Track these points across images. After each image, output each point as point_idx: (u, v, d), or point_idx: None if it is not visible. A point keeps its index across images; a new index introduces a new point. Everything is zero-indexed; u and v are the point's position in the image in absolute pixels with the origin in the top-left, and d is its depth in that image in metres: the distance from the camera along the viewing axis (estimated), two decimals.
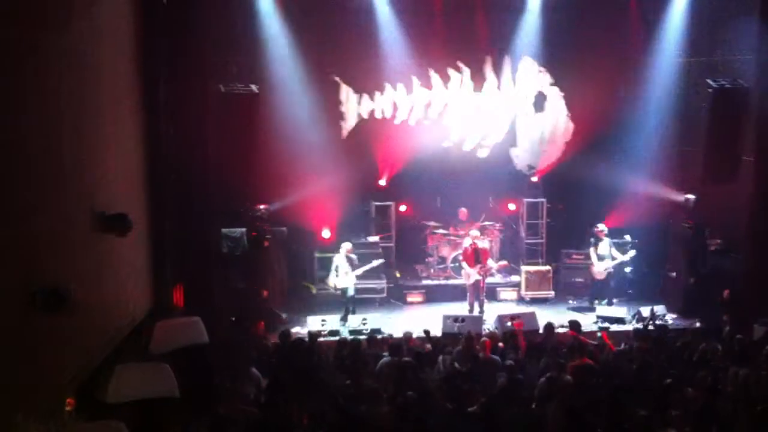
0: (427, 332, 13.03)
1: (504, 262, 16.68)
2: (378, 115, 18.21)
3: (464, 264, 15.82)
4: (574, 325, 12.53)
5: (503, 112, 18.50)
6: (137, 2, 10.60)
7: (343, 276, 15.25)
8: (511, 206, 18.73)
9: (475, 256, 15.64)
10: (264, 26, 16.29)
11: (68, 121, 7.38)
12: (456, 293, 16.34)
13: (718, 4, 15.17)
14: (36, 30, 6.65)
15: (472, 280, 15.57)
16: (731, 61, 15.30)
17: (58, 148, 7.10)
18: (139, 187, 10.29)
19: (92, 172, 8.08)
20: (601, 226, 16.21)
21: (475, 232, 16.17)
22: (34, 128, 6.52)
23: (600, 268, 16.05)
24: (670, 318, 15.11)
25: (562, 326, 13.59)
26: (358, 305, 15.75)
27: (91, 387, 7.94)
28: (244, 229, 14.73)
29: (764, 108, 14.25)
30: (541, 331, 13.10)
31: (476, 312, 15.51)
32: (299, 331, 14.60)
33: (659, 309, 15.09)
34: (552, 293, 17.32)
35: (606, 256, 16.03)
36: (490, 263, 15.91)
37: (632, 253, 16.08)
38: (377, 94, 18.11)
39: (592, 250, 16.24)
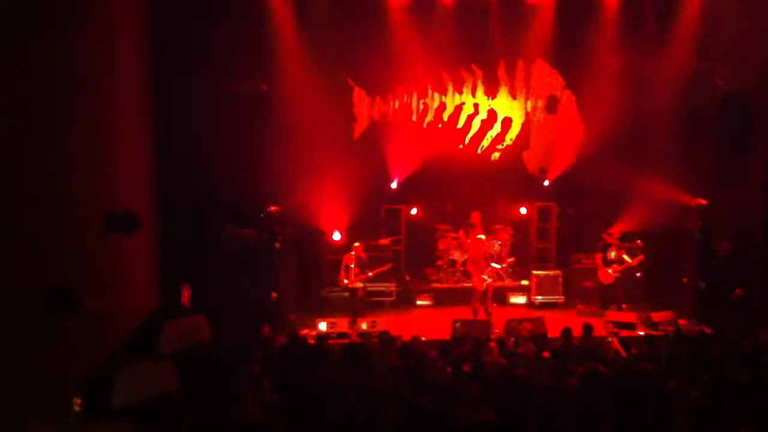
0: None
1: (512, 259, 16.57)
2: (390, 118, 18.21)
3: (473, 270, 15.64)
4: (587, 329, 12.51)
5: (516, 115, 18.47)
6: (148, 4, 10.64)
7: (352, 277, 15.20)
8: (523, 210, 18.64)
9: (485, 260, 15.55)
10: (276, 27, 16.27)
11: (79, 122, 7.41)
12: (465, 297, 16.25)
13: (730, 7, 15.05)
14: (49, 34, 6.67)
15: (485, 285, 15.47)
16: (742, 65, 15.15)
17: (70, 149, 7.12)
18: (147, 186, 10.31)
19: (103, 173, 8.10)
20: (612, 231, 16.07)
21: (481, 237, 16.08)
22: (46, 130, 6.54)
23: (607, 273, 15.91)
24: (679, 323, 15.00)
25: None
26: (368, 308, 15.70)
27: (99, 387, 7.93)
28: (253, 230, 14.70)
29: None
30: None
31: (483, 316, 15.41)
32: (308, 333, 14.60)
33: (668, 315, 15.03)
34: (562, 297, 17.26)
35: (614, 261, 15.91)
36: (494, 265, 15.77)
37: (640, 258, 15.94)
38: (390, 96, 18.12)
39: (600, 255, 16.10)
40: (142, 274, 9.95)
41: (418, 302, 17.30)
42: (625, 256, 15.93)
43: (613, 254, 15.95)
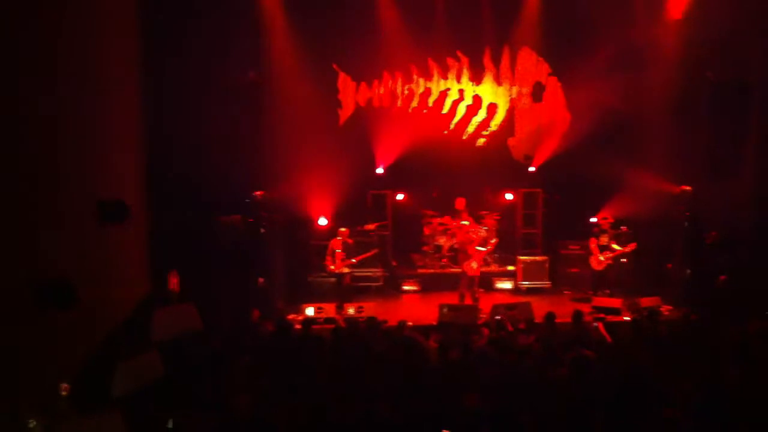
0: None
1: (494, 240, 16.57)
2: (376, 104, 18.20)
3: (465, 254, 15.63)
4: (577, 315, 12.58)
5: (501, 102, 18.49)
6: None
7: (339, 262, 15.22)
8: (508, 196, 18.72)
9: (473, 245, 15.57)
10: (264, 14, 16.20)
11: (70, 112, 7.37)
12: (452, 282, 16.30)
13: None
14: (38, 23, 6.62)
15: (476, 269, 15.48)
16: (733, 54, 15.17)
17: (61, 140, 7.09)
18: (137, 174, 10.27)
19: (93, 163, 8.08)
20: (606, 217, 16.11)
21: (465, 222, 16.08)
22: (37, 121, 6.51)
23: (601, 259, 16.01)
24: (665, 310, 15.11)
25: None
26: (354, 293, 15.73)
27: (88, 375, 7.93)
28: (240, 216, 14.68)
29: (766, 102, 14.29)
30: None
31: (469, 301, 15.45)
32: (295, 318, 14.61)
33: (654, 301, 15.14)
34: (548, 283, 17.34)
35: (607, 248, 16.02)
36: (478, 248, 15.80)
37: (633, 245, 16.00)
38: (375, 82, 18.10)
39: (593, 240, 16.18)
40: (134, 263, 9.92)
41: (405, 288, 17.34)
42: (615, 245, 16.02)
43: (606, 240, 16.04)
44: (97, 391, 7.53)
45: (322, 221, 17.08)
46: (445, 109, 18.47)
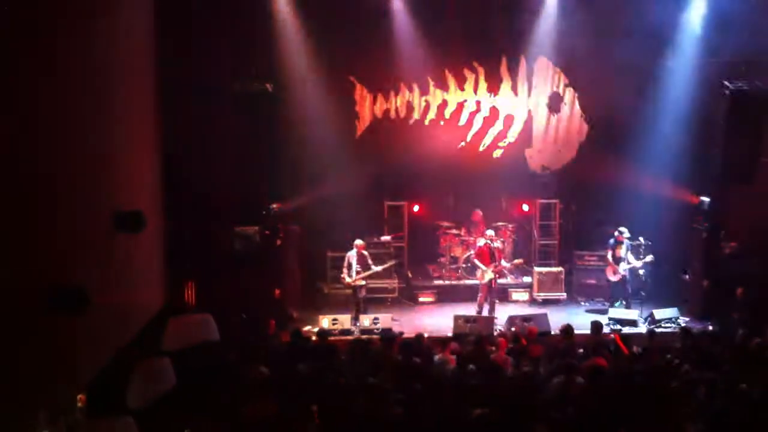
0: None
1: (520, 260, 16.54)
2: (392, 115, 18.22)
3: (478, 262, 15.62)
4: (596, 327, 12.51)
5: (518, 113, 18.47)
6: (153, 3, 10.66)
7: (355, 274, 15.22)
8: (525, 207, 18.67)
9: (490, 255, 15.54)
10: (280, 25, 16.27)
11: (90, 124, 7.43)
12: (468, 294, 16.30)
13: (737, 5, 15.03)
14: (56, 33, 6.69)
15: (486, 279, 15.45)
16: (750, 63, 15.10)
17: (77, 149, 7.14)
18: (153, 185, 10.34)
19: (110, 172, 8.13)
20: (623, 230, 15.99)
21: (490, 232, 16.04)
22: (54, 130, 6.57)
23: (617, 271, 15.91)
24: (683, 321, 15.03)
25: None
26: (370, 305, 15.72)
27: (103, 383, 7.97)
28: (257, 228, 14.73)
29: None
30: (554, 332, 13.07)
31: (486, 313, 15.42)
32: (311, 329, 14.62)
33: (672, 312, 15.07)
34: (564, 295, 17.26)
35: (623, 259, 15.91)
36: (503, 263, 15.81)
37: (650, 257, 15.84)
38: (392, 93, 18.13)
39: (609, 252, 16.09)
40: (149, 272, 9.98)
41: (421, 299, 17.31)
42: (631, 255, 15.90)
43: (622, 253, 15.92)
44: (112, 399, 7.57)
45: (340, 232, 17.07)
46: (462, 121, 18.46)
